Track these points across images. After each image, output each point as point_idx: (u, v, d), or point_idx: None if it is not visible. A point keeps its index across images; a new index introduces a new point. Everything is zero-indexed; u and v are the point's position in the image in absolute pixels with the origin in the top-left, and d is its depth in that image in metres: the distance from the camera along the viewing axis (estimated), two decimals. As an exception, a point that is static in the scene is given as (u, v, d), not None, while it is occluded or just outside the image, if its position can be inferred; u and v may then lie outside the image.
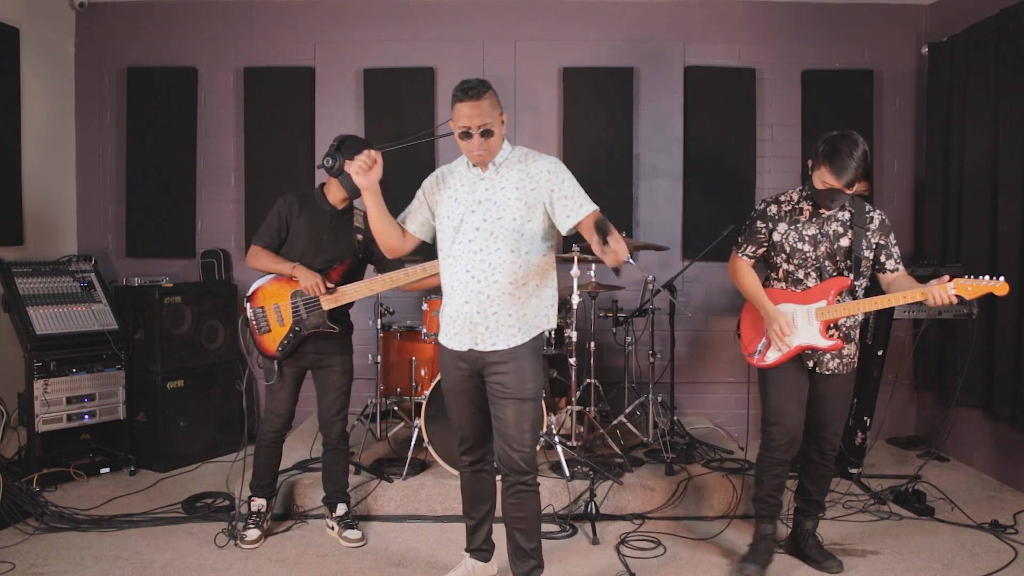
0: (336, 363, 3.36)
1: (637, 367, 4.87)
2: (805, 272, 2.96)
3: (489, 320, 2.60)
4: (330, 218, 3.29)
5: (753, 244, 3.03)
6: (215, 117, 5.05)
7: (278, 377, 3.30)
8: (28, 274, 4.21)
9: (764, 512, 3.10)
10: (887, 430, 4.81)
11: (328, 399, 3.38)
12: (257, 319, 3.29)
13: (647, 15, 5.07)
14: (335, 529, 3.43)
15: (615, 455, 3.99)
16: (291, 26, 5.06)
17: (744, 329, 3.16)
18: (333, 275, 3.25)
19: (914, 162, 5.11)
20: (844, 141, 2.76)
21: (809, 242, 2.93)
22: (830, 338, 2.92)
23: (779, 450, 3.00)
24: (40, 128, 4.72)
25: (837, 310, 2.87)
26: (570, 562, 3.20)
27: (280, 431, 3.38)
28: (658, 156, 5.08)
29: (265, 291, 3.31)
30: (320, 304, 3.22)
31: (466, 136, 2.57)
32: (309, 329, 3.25)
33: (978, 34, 4.34)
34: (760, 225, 3.00)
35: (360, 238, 3.30)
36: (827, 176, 2.78)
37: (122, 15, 5.03)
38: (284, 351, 3.26)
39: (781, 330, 2.90)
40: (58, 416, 4.07)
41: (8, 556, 3.16)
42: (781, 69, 5.06)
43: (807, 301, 2.94)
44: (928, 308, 4.04)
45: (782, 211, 2.98)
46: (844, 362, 3.00)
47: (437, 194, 2.74)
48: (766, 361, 3.00)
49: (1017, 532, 3.47)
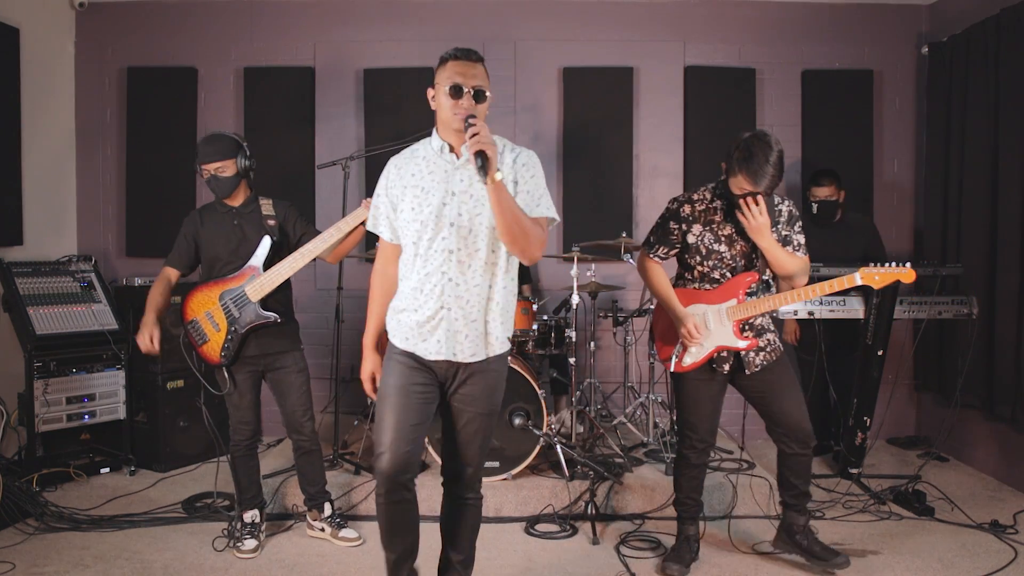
0: (288, 362, 3.29)
1: (637, 367, 4.88)
2: (720, 272, 2.90)
3: (469, 328, 2.31)
4: (233, 216, 3.27)
5: (665, 245, 2.96)
6: (215, 117, 5.05)
7: (231, 385, 3.25)
8: (28, 274, 4.21)
9: (685, 514, 3.12)
10: (887, 430, 4.81)
11: (290, 401, 3.30)
12: (195, 332, 3.25)
13: (647, 15, 5.07)
14: (326, 530, 3.40)
15: (615, 455, 3.99)
16: (291, 26, 5.06)
17: (658, 338, 3.08)
18: (252, 267, 3.21)
19: (914, 162, 5.11)
20: (758, 145, 2.66)
21: (725, 242, 2.87)
22: (745, 338, 2.86)
23: (692, 455, 3.03)
24: (40, 128, 4.72)
25: (748, 308, 2.82)
26: (570, 562, 3.20)
27: (251, 439, 3.33)
28: (658, 156, 5.08)
29: (193, 302, 3.26)
30: (248, 297, 3.18)
31: (456, 93, 2.23)
32: (246, 326, 3.18)
33: (978, 34, 4.34)
34: (673, 226, 2.92)
35: (272, 223, 3.26)
36: (744, 183, 2.69)
37: (122, 15, 5.03)
38: (228, 355, 3.20)
39: (690, 333, 2.84)
40: (58, 416, 4.07)
41: (8, 556, 3.17)
42: (781, 69, 5.06)
43: (717, 300, 2.88)
44: (928, 308, 4.07)
45: (696, 211, 2.89)
46: (769, 351, 2.93)
47: (398, 185, 2.38)
48: (684, 365, 2.94)
49: (1017, 532, 3.47)
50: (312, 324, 4.95)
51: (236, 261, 3.23)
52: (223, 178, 3.21)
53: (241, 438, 3.31)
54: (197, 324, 3.25)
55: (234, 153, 3.22)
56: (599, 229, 4.70)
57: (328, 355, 4.77)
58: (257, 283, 3.17)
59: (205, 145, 3.24)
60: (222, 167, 3.20)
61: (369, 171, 4.95)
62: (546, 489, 3.66)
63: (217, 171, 3.20)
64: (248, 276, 3.19)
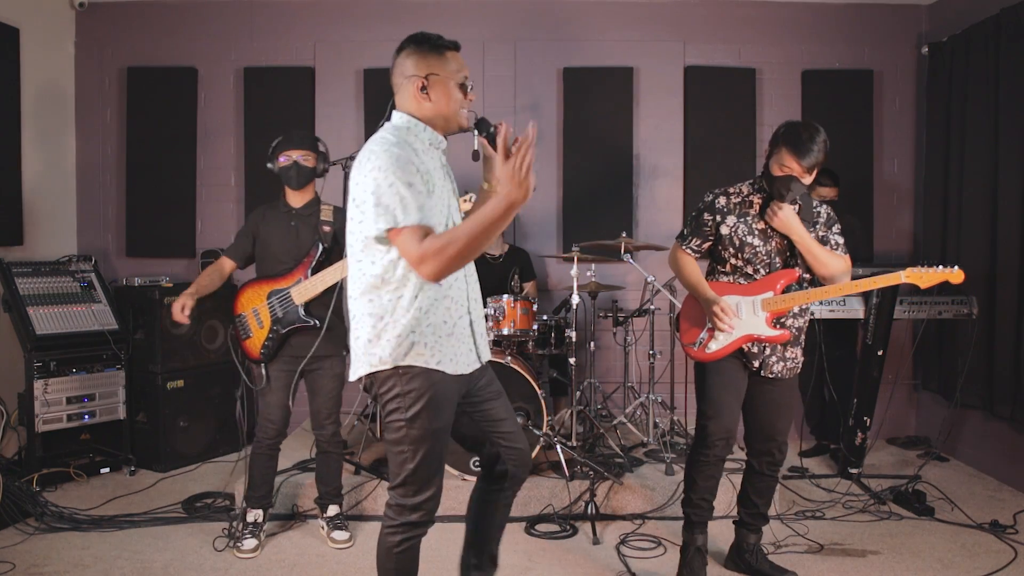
0: (326, 366, 3.32)
1: (637, 367, 4.88)
2: (754, 268, 2.82)
3: (482, 327, 2.28)
4: (291, 218, 3.32)
5: (699, 237, 2.89)
6: (215, 117, 5.05)
7: (265, 381, 3.29)
8: (28, 274, 4.21)
9: (697, 518, 2.93)
10: (887, 430, 4.81)
11: (317, 402, 3.36)
12: (241, 326, 3.32)
13: (647, 15, 5.07)
14: (324, 530, 3.42)
15: (615, 455, 3.99)
16: (291, 26, 5.06)
17: (684, 320, 2.99)
18: (301, 269, 3.25)
19: (914, 162, 5.11)
20: (805, 127, 2.69)
21: (759, 236, 2.80)
22: (777, 329, 2.79)
23: (716, 446, 2.82)
24: (40, 128, 4.72)
25: (785, 300, 2.74)
26: (570, 562, 3.20)
27: (275, 439, 3.35)
28: (658, 156, 5.08)
29: (243, 298, 3.33)
30: (293, 299, 3.23)
31: (466, 89, 2.17)
32: (287, 327, 3.24)
33: (978, 34, 4.34)
34: (707, 217, 2.86)
35: (327, 230, 3.31)
36: (787, 159, 2.66)
37: (122, 15, 5.03)
38: (267, 353, 3.26)
39: (723, 311, 2.73)
40: (58, 416, 4.07)
41: (8, 556, 3.16)
42: (781, 69, 5.06)
43: (753, 292, 2.80)
44: (928, 308, 4.07)
45: (731, 203, 2.84)
46: (788, 366, 2.87)
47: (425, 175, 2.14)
48: (707, 351, 2.86)
49: (1017, 532, 3.47)
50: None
51: (288, 262, 3.29)
52: (305, 167, 3.28)
53: (265, 436, 3.33)
54: (244, 319, 3.31)
55: (317, 149, 3.32)
56: (599, 229, 4.70)
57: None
58: (302, 286, 3.23)
59: (294, 133, 3.34)
60: (308, 156, 3.28)
61: (369, 171, 4.94)
62: (546, 489, 3.66)
63: (302, 158, 3.26)
64: (296, 278, 3.25)
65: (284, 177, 3.29)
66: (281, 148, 3.29)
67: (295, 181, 3.28)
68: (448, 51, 2.15)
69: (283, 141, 3.31)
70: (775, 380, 2.86)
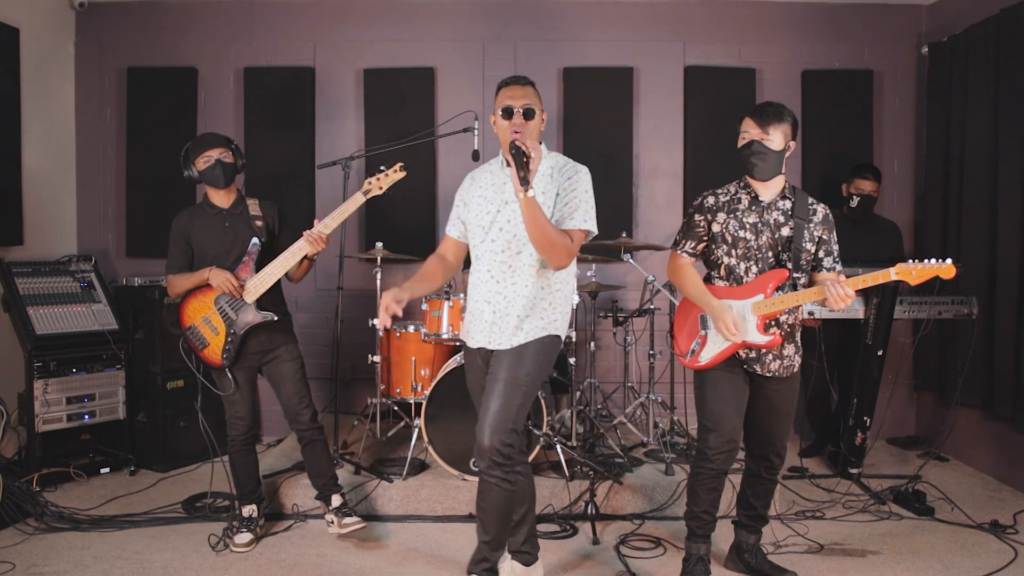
0: (281, 353, 3.33)
1: (637, 367, 4.88)
2: (747, 266, 2.82)
3: (503, 322, 2.65)
4: (223, 219, 3.31)
5: (692, 239, 2.91)
6: (215, 117, 5.05)
7: (233, 386, 3.28)
8: (28, 274, 4.21)
9: (700, 531, 2.90)
10: (887, 430, 4.81)
11: (286, 391, 3.34)
12: (194, 337, 3.27)
13: (647, 15, 5.07)
14: (334, 522, 3.37)
15: (615, 455, 3.99)
16: (291, 26, 5.06)
17: (675, 330, 3.02)
18: (244, 268, 3.24)
19: (914, 162, 5.11)
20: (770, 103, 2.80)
21: (750, 230, 2.80)
22: (769, 334, 2.77)
23: (717, 459, 2.79)
24: (40, 128, 4.72)
25: (774, 303, 2.72)
26: (570, 562, 3.20)
27: (247, 433, 3.36)
28: (658, 156, 5.09)
29: (188, 309, 3.28)
30: (244, 299, 3.22)
31: (508, 114, 2.60)
32: (245, 327, 3.22)
33: (978, 34, 4.34)
34: (699, 218, 2.88)
35: (260, 224, 3.31)
36: (748, 125, 2.78)
37: (122, 15, 5.03)
38: (230, 357, 3.23)
39: (729, 329, 2.71)
40: (58, 416, 4.07)
41: (8, 556, 3.17)
42: (781, 69, 5.06)
43: (744, 296, 2.79)
44: (928, 308, 4.06)
45: (720, 201, 2.87)
46: (785, 364, 2.85)
47: (469, 193, 2.78)
48: (700, 362, 2.85)
49: (1017, 532, 3.47)
50: (312, 324, 4.95)
51: (228, 263, 3.26)
52: (228, 164, 3.29)
53: (237, 433, 3.34)
54: (195, 329, 3.28)
55: (228, 144, 3.33)
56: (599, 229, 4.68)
57: (328, 355, 4.78)
58: (250, 284, 3.22)
59: (200, 138, 3.35)
60: (226, 153, 3.28)
61: (369, 171, 4.93)
62: (546, 489, 3.66)
63: (222, 156, 3.27)
64: (242, 278, 3.22)
65: (209, 178, 3.28)
66: (196, 151, 3.28)
67: (222, 179, 3.28)
68: (501, 88, 2.68)
69: (195, 145, 3.30)
70: (772, 379, 2.86)
